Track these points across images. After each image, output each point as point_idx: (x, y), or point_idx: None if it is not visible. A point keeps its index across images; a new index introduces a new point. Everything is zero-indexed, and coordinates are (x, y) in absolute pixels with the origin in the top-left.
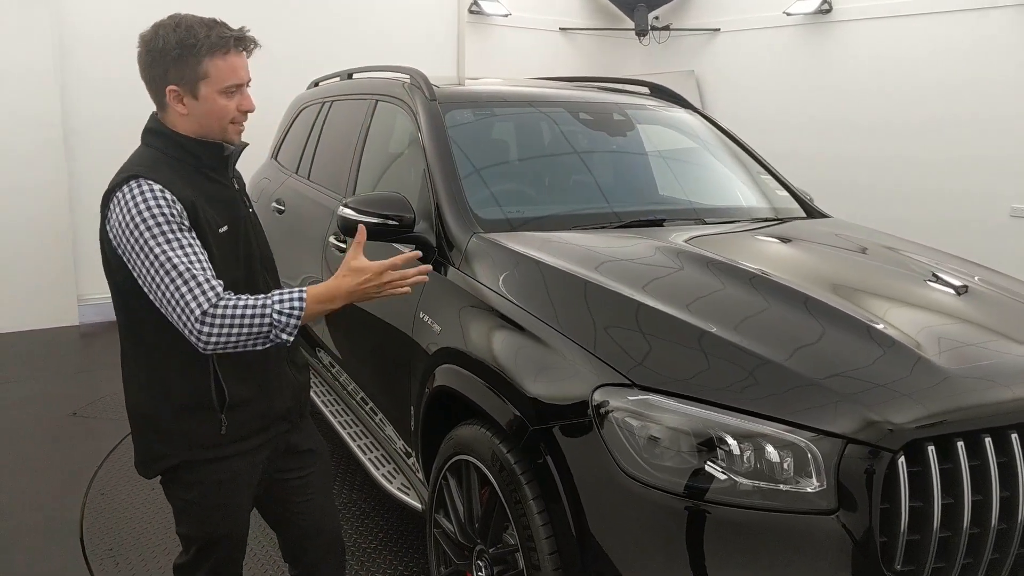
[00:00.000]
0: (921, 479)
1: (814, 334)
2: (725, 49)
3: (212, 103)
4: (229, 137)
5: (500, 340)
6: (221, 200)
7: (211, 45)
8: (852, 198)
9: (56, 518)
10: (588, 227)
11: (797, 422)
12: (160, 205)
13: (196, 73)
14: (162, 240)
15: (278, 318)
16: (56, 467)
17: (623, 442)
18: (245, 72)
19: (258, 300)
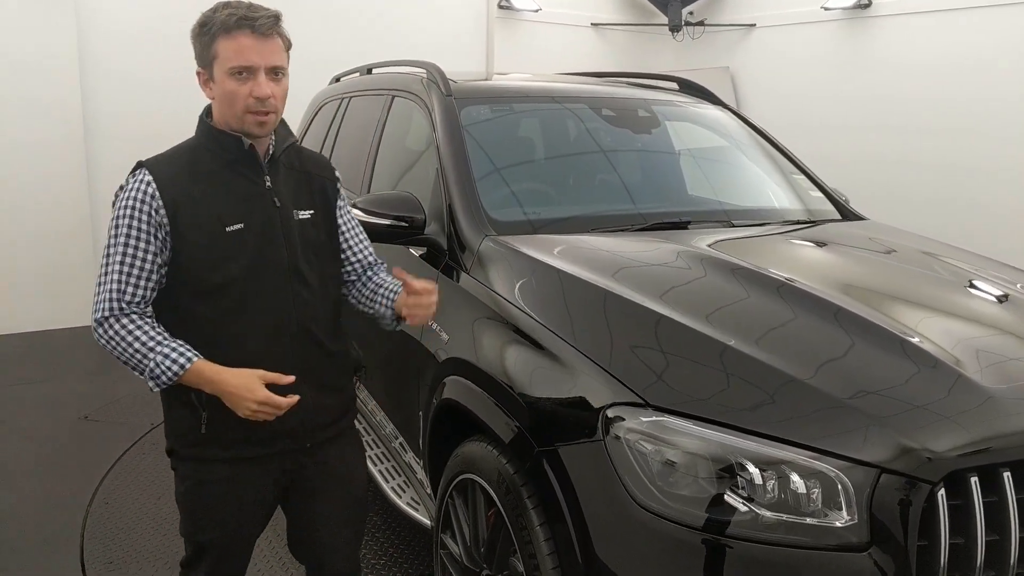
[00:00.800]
0: (963, 514)
1: (844, 349)
2: (760, 45)
3: (222, 86)
4: (247, 127)
5: (508, 351)
6: (243, 197)
7: (220, 24)
8: (890, 202)
9: (58, 527)
10: (608, 230)
11: (826, 449)
12: (134, 200)
13: (210, 54)
14: (119, 234)
15: (154, 368)
16: (62, 473)
17: (635, 468)
18: (257, 56)
19: (151, 341)
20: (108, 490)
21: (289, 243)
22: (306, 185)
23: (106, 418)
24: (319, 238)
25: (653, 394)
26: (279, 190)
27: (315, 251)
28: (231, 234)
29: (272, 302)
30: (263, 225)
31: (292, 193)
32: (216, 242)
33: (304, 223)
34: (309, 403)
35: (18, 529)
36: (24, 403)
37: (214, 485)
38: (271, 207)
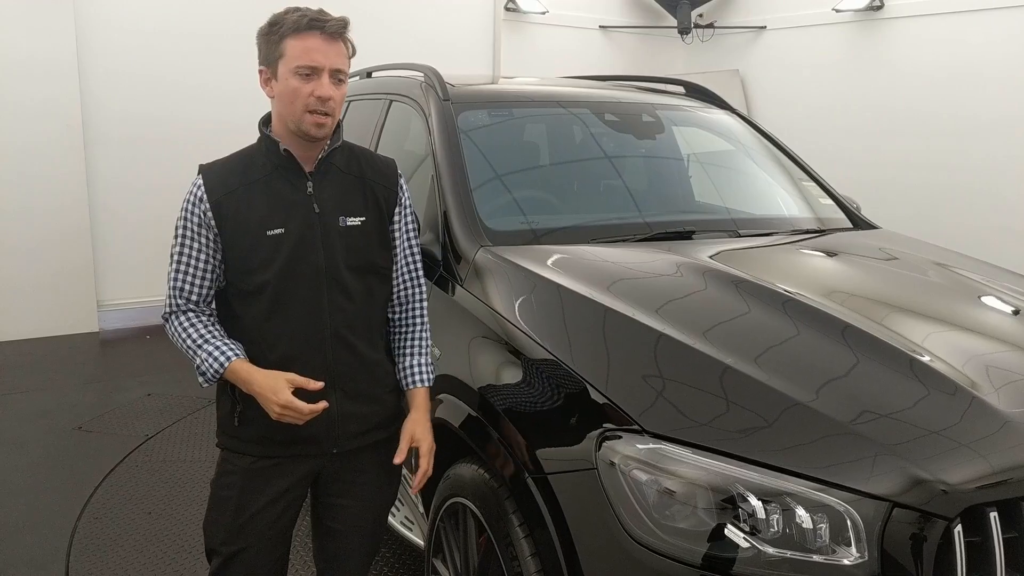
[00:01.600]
0: (980, 551)
1: (852, 369)
2: (771, 47)
3: (285, 84)
4: (305, 128)
5: (500, 371)
6: (285, 202)
7: (291, 24)
8: (905, 202)
9: (44, 545)
10: (608, 240)
11: (834, 480)
12: (188, 203)
13: (277, 52)
14: (178, 236)
15: (200, 364)
16: (53, 487)
17: (630, 498)
18: (323, 57)
19: (200, 339)
20: (98, 505)
21: (327, 249)
22: (359, 191)
23: (100, 429)
24: (369, 245)
25: (650, 420)
26: (322, 196)
27: (362, 259)
28: (271, 238)
29: (305, 307)
30: (301, 230)
31: (340, 199)
32: (257, 245)
33: (351, 230)
34: (335, 410)
35: (3, 547)
36: (18, 413)
37: (234, 476)
38: (311, 213)
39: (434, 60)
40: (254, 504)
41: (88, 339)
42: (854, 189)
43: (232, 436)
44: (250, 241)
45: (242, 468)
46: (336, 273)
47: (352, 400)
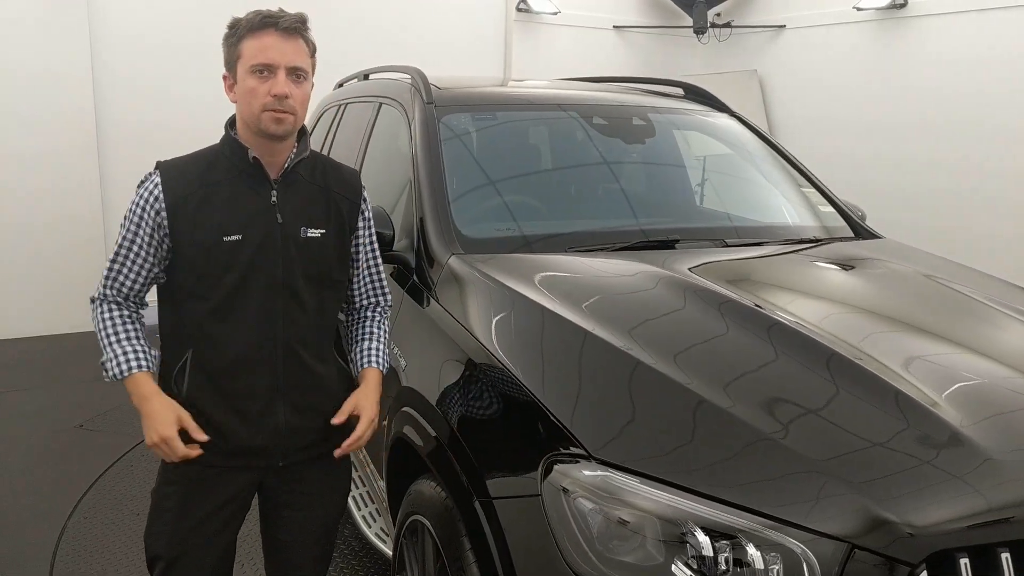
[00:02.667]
0: None
1: (827, 401)
2: (791, 47)
3: (243, 83)
4: (264, 125)
5: (457, 384)
6: (245, 209)
7: (247, 24)
8: (926, 206)
9: (32, 544)
10: (585, 249)
11: (789, 519)
12: (141, 199)
13: (235, 54)
14: (125, 227)
15: (107, 360)
16: (48, 485)
17: (573, 527)
18: (278, 54)
19: (115, 335)
20: (89, 505)
21: (286, 260)
22: (322, 202)
23: (101, 427)
24: (326, 258)
25: (599, 446)
26: (285, 206)
27: (318, 271)
28: (228, 244)
29: (258, 316)
30: (261, 239)
31: (303, 209)
32: (213, 251)
33: (311, 241)
34: (283, 423)
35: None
36: (21, 410)
37: (175, 486)
38: (273, 223)
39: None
40: (196, 514)
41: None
42: (874, 194)
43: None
44: (205, 245)
45: (184, 477)
46: (292, 284)
47: (300, 413)
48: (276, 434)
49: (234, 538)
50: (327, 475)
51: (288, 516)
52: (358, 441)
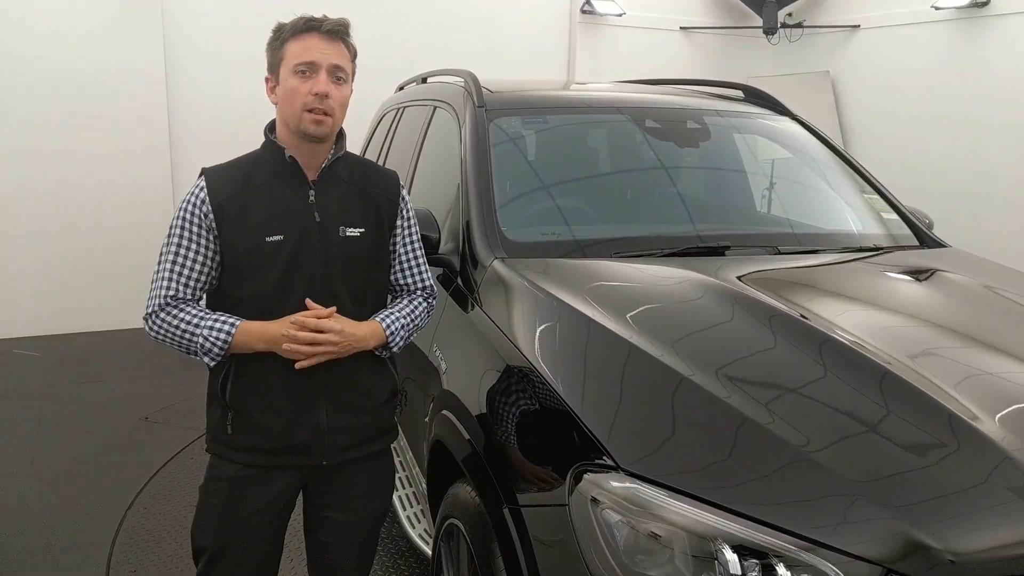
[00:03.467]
0: None
1: (872, 420)
2: (865, 48)
3: (285, 83)
4: (304, 126)
5: (493, 390)
6: (286, 209)
7: (291, 28)
8: (1007, 214)
9: (93, 531)
10: (632, 255)
11: (820, 540)
12: (189, 204)
13: (279, 57)
14: (173, 236)
15: (203, 341)
16: (111, 475)
17: (599, 539)
18: (320, 54)
19: (195, 319)
20: (149, 496)
21: (325, 259)
22: (360, 202)
23: (165, 420)
24: (366, 257)
25: (629, 458)
26: (323, 205)
27: (358, 270)
28: (270, 244)
29: None
30: (301, 239)
31: (342, 209)
32: (256, 251)
33: (350, 240)
34: (324, 422)
35: (54, 531)
36: (90, 401)
37: (222, 483)
38: (311, 222)
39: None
40: (240, 511)
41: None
42: (952, 200)
43: (222, 443)
44: (249, 246)
45: (230, 475)
46: (331, 283)
47: (341, 412)
48: (317, 432)
49: (279, 535)
50: (371, 479)
51: (330, 518)
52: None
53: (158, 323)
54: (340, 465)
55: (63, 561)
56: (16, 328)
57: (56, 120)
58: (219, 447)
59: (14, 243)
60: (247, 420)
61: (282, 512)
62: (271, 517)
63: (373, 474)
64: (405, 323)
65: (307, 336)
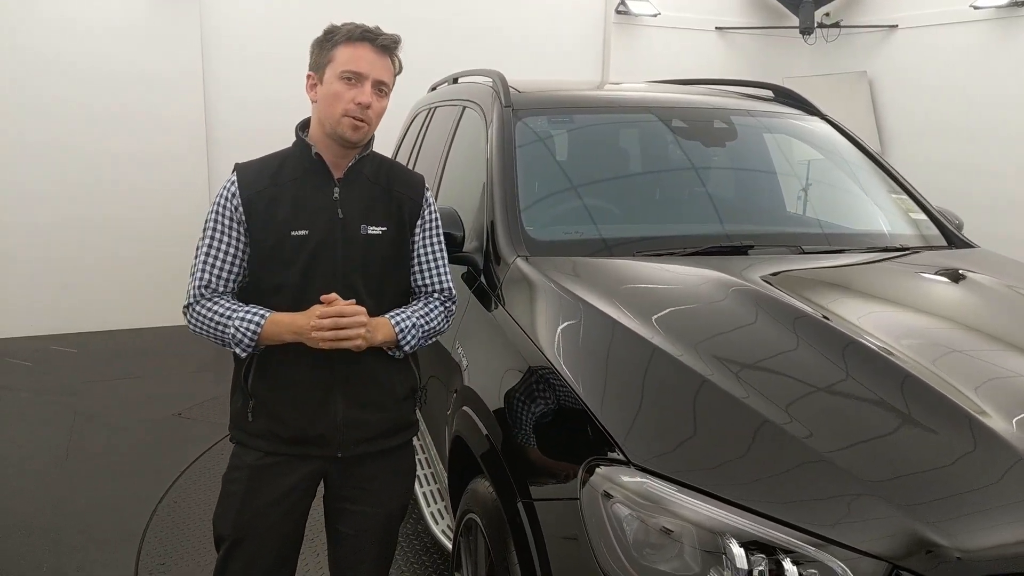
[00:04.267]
0: None
1: (890, 421)
2: (903, 48)
3: (329, 86)
4: (342, 131)
5: (511, 387)
6: (311, 205)
7: (345, 34)
8: None
9: (124, 524)
10: (653, 254)
11: (828, 536)
12: (221, 198)
13: (327, 58)
14: (208, 229)
15: (234, 333)
16: (143, 469)
17: (609, 534)
18: (369, 66)
19: (227, 311)
20: (180, 490)
21: (346, 255)
22: (384, 201)
23: (198, 416)
24: (386, 255)
25: (641, 454)
26: (347, 203)
27: (379, 267)
28: (295, 238)
29: None
30: (324, 235)
31: (365, 208)
32: (281, 244)
33: (372, 238)
34: (340, 415)
35: (87, 523)
36: (125, 397)
37: (242, 471)
38: (334, 218)
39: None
40: (260, 499)
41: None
42: (995, 199)
43: (243, 431)
44: (275, 239)
45: (249, 464)
46: (351, 279)
47: (358, 407)
48: (334, 425)
49: (300, 526)
50: (389, 473)
51: (350, 510)
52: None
53: (195, 315)
54: (358, 458)
55: (93, 553)
56: (54, 325)
57: (94, 120)
58: (241, 434)
59: (53, 240)
60: (267, 408)
61: (300, 502)
62: (289, 506)
63: (391, 468)
64: (416, 322)
65: (331, 322)
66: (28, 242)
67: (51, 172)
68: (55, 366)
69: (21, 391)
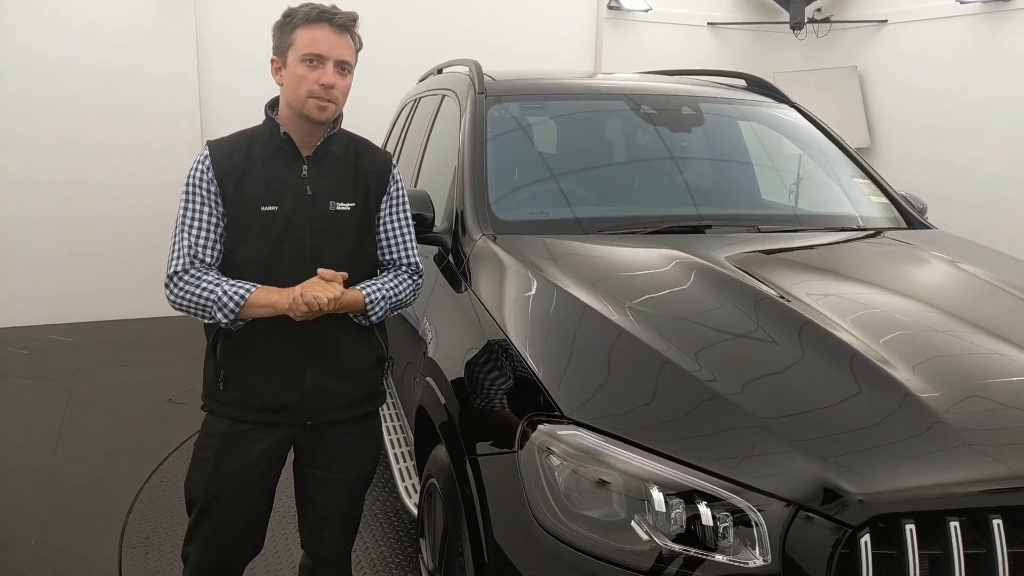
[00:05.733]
0: (900, 564)
1: (808, 375)
2: (892, 43)
3: (293, 70)
4: (308, 111)
5: (467, 353)
6: (280, 181)
7: (302, 16)
8: None
9: (112, 502)
10: (614, 232)
11: (739, 480)
12: (196, 172)
13: (288, 41)
14: (186, 201)
15: (221, 296)
16: (133, 450)
17: (542, 483)
18: (329, 47)
19: (216, 280)
20: (167, 470)
21: (314, 230)
22: (352, 178)
23: (188, 401)
24: (354, 230)
25: (573, 408)
26: (315, 180)
27: (347, 242)
28: (265, 214)
29: (287, 283)
30: (293, 211)
31: (333, 184)
32: (252, 219)
33: (340, 214)
34: (309, 385)
35: (74, 502)
36: (120, 383)
37: (213, 438)
38: (303, 195)
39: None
40: (230, 465)
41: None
42: (979, 195)
43: (214, 400)
44: (245, 214)
45: (220, 431)
46: (320, 254)
47: (327, 377)
48: (303, 395)
49: (269, 490)
50: (356, 440)
51: (317, 476)
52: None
53: (179, 285)
54: (326, 426)
55: (79, 527)
56: (51, 315)
57: (91, 115)
58: (212, 403)
59: (51, 233)
60: (238, 379)
61: (269, 469)
62: (259, 472)
63: (359, 436)
64: (386, 295)
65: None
66: (26, 235)
67: (48, 168)
68: (51, 354)
69: (17, 378)
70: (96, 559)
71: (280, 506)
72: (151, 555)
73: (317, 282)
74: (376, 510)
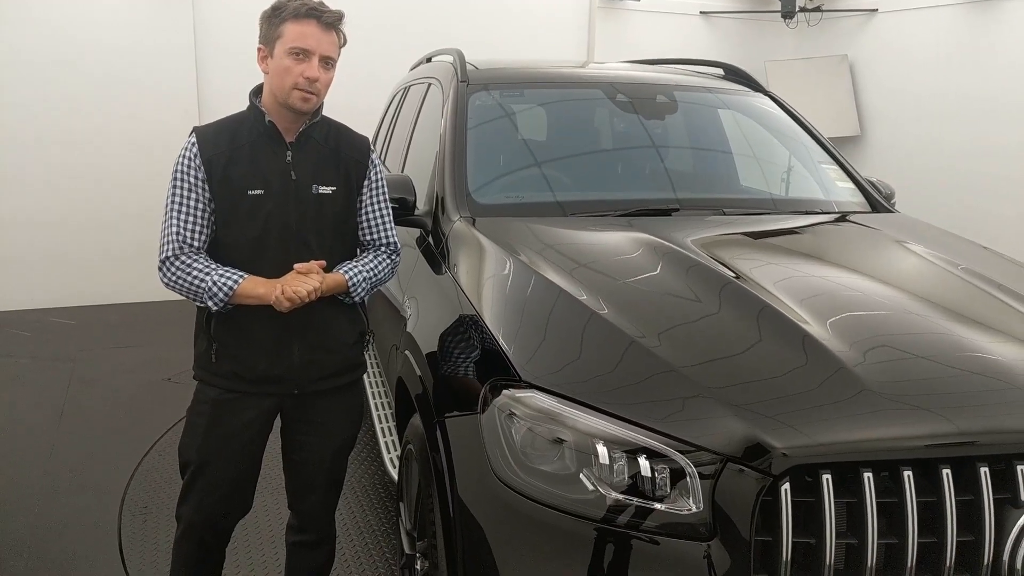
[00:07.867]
0: (818, 512)
1: (744, 344)
2: (883, 32)
3: (279, 61)
4: (292, 102)
5: (441, 331)
6: (266, 166)
7: (292, 11)
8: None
9: (112, 474)
10: (586, 215)
11: (675, 435)
12: (184, 159)
13: (276, 33)
14: (175, 186)
15: (212, 285)
16: (133, 426)
17: (500, 441)
18: (316, 43)
19: (208, 267)
20: (165, 444)
21: (299, 213)
22: (333, 163)
23: (186, 381)
24: (336, 213)
25: (530, 372)
26: (299, 165)
27: (329, 224)
28: (252, 197)
29: (274, 264)
30: (278, 194)
31: (316, 169)
32: (239, 202)
33: (323, 197)
34: (296, 358)
35: (75, 475)
36: (119, 364)
37: (205, 405)
38: (287, 180)
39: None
40: (222, 430)
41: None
42: (968, 183)
43: (206, 370)
44: (232, 197)
45: (212, 399)
46: (304, 236)
47: (313, 351)
48: (291, 367)
49: (257, 456)
50: (339, 408)
51: (303, 441)
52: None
53: (172, 268)
54: (312, 395)
55: (81, 499)
56: (54, 298)
57: (90, 102)
58: (204, 373)
59: (53, 219)
60: (230, 352)
61: (258, 435)
62: (249, 438)
63: (342, 403)
64: (367, 276)
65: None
66: (29, 220)
67: (48, 160)
68: (54, 336)
69: (21, 358)
70: (97, 525)
71: (267, 472)
72: (149, 522)
73: (296, 277)
74: (365, 482)
